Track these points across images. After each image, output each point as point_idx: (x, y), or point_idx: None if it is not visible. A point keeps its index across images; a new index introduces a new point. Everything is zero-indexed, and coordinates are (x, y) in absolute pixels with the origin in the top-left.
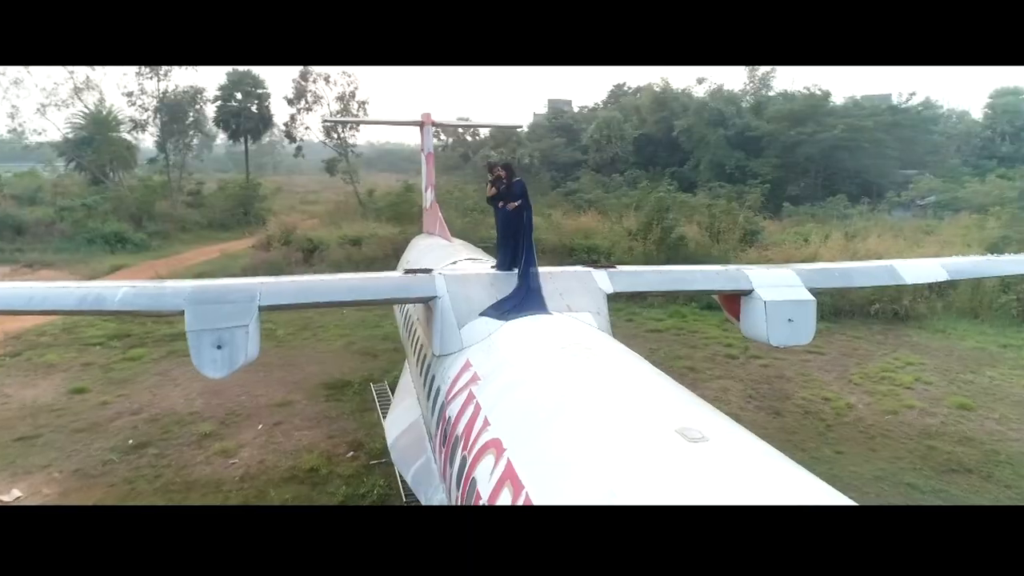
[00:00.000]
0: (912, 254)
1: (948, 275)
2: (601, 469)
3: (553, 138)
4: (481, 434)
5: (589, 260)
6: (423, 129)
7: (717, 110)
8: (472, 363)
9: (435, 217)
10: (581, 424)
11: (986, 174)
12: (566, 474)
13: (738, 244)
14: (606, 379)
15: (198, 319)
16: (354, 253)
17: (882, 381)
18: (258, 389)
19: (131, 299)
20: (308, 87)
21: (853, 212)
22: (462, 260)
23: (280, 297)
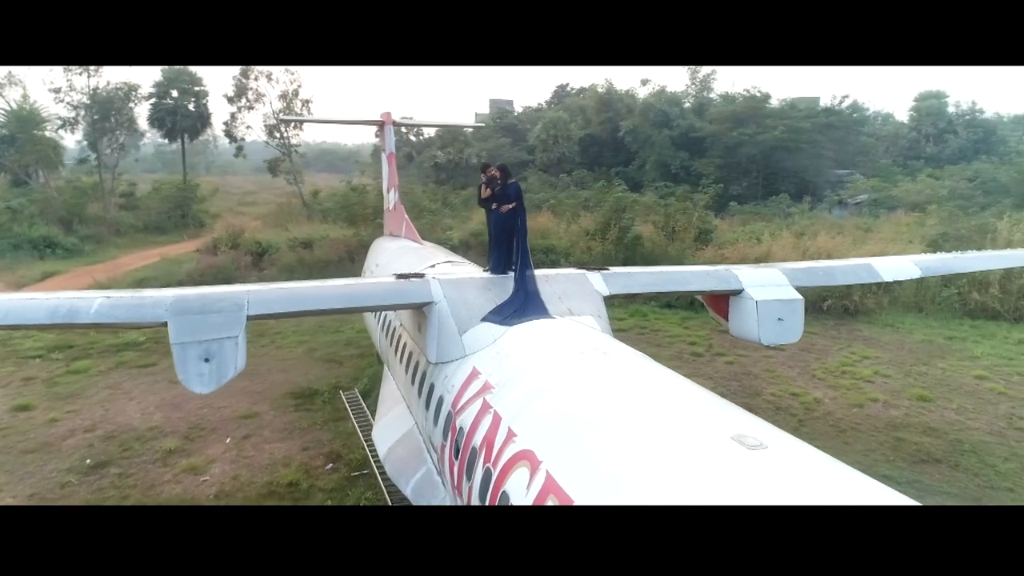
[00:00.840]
0: (859, 251)
1: (921, 272)
2: (660, 479)
3: (498, 138)
4: (507, 446)
5: (580, 262)
6: (383, 129)
7: (662, 111)
8: (480, 370)
9: (400, 219)
10: (627, 433)
11: (915, 173)
12: (620, 485)
13: (693, 243)
14: (638, 386)
15: (183, 331)
16: (306, 256)
17: (843, 375)
18: (220, 401)
19: (108, 311)
20: (249, 85)
21: (795, 211)
22: (440, 263)
23: (269, 306)
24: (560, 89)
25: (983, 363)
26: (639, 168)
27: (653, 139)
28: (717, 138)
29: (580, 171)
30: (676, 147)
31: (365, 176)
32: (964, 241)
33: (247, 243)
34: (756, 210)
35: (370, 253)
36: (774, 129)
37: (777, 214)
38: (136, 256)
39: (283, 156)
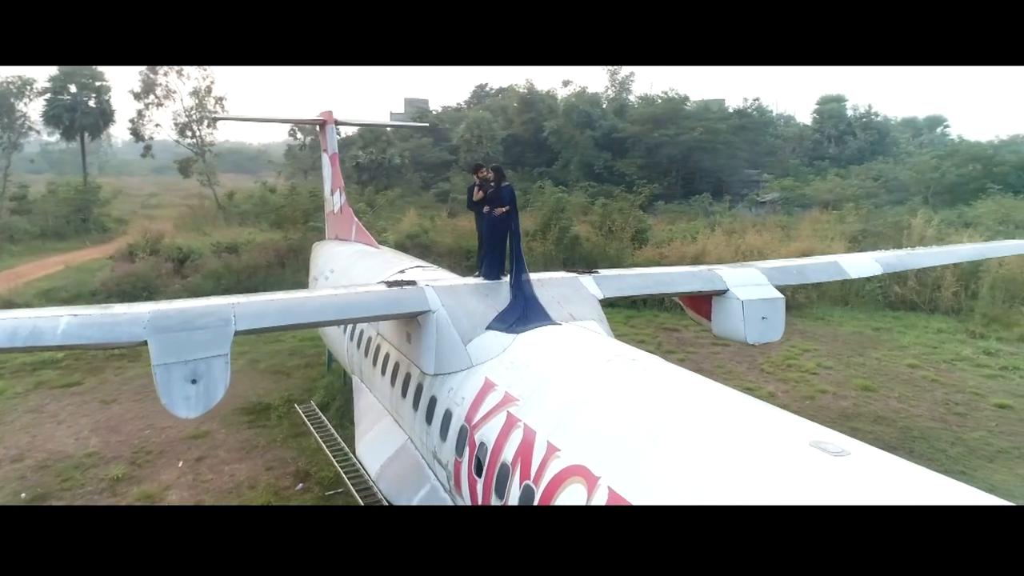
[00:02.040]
0: (787, 248)
1: (881, 268)
2: (749, 487)
3: (419, 138)
4: (549, 461)
5: (573, 265)
6: (324, 129)
7: (585, 112)
8: (496, 382)
9: (349, 222)
10: (696, 445)
11: (821, 173)
12: (701, 497)
13: (630, 243)
14: (685, 395)
15: (166, 350)
16: (232, 262)
17: (789, 368)
18: (162, 420)
19: (77, 331)
20: (158, 80)
21: (716, 209)
22: (410, 268)
23: (258, 319)
24: (479, 89)
25: (912, 352)
26: (563, 168)
27: (576, 140)
28: (639, 139)
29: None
30: (599, 147)
31: (281, 177)
32: (881, 237)
33: (167, 249)
34: (680, 209)
35: (316, 258)
36: (693, 130)
37: (699, 212)
38: (35, 265)
39: (196, 156)
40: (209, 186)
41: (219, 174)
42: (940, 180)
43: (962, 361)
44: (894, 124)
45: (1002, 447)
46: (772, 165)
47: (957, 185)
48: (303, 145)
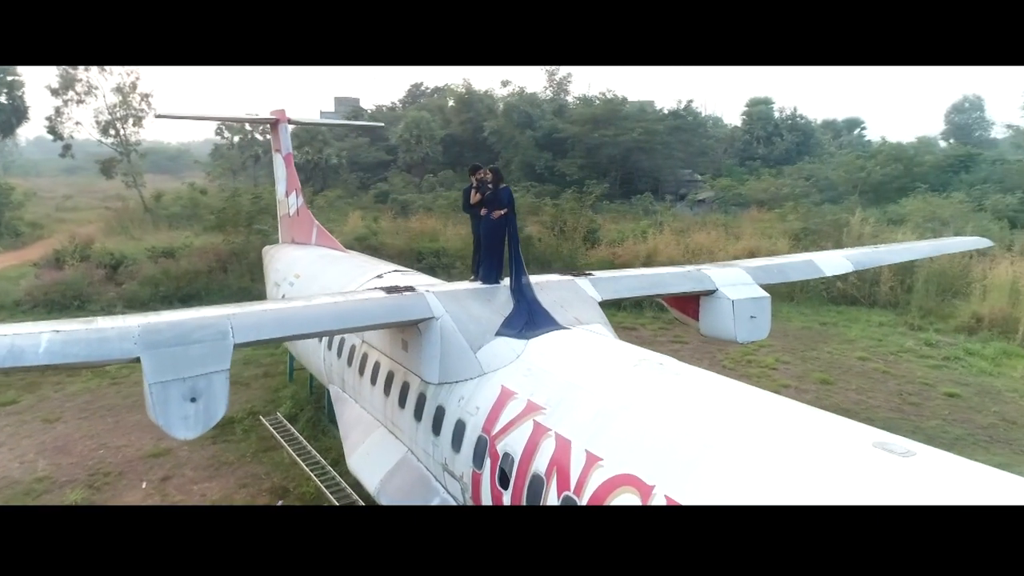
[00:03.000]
0: (735, 246)
1: (853, 266)
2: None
3: (355, 137)
4: (591, 471)
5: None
6: (276, 128)
7: (525, 112)
8: (514, 389)
9: (309, 225)
10: (756, 448)
11: (753, 173)
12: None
13: (582, 243)
14: (726, 398)
15: (162, 367)
16: (171, 267)
17: (749, 364)
18: (115, 439)
19: (61, 348)
20: (79, 76)
21: (658, 209)
22: (389, 273)
23: (258, 331)
24: (414, 88)
25: (860, 345)
26: (503, 168)
27: (517, 140)
28: (579, 139)
29: (446, 171)
30: (540, 148)
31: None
32: (821, 235)
33: (98, 255)
34: (622, 208)
35: (273, 263)
36: (632, 131)
37: (640, 212)
38: None
39: (120, 156)
40: (135, 187)
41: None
42: (866, 179)
43: (907, 352)
44: (816, 126)
45: (958, 435)
46: (705, 165)
47: (882, 184)
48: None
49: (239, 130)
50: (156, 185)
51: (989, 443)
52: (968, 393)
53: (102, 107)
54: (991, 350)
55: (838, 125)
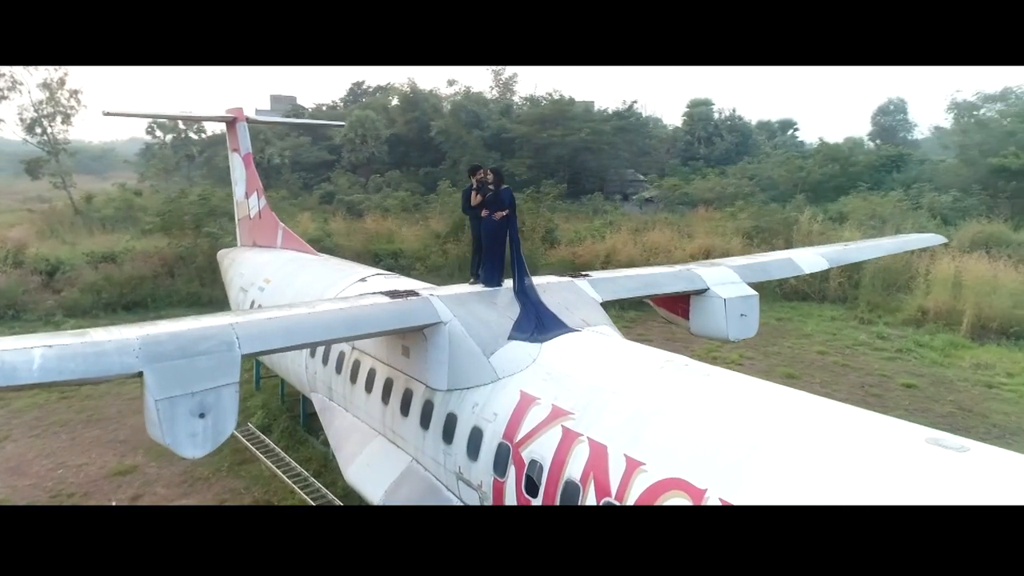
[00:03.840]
0: (690, 244)
1: (827, 263)
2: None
3: (297, 136)
4: (634, 476)
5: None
6: (234, 126)
7: (473, 112)
8: (536, 394)
9: (273, 227)
10: (807, 448)
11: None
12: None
13: (541, 243)
14: (764, 399)
15: (168, 381)
16: (113, 273)
17: (715, 360)
18: (74, 457)
19: (56, 365)
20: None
21: (607, 208)
22: (372, 277)
23: (265, 340)
24: (356, 87)
25: (817, 339)
26: (451, 168)
27: (465, 140)
28: (527, 139)
29: (393, 172)
30: (488, 148)
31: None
32: (772, 233)
33: (33, 260)
34: (573, 208)
35: (235, 267)
36: (580, 131)
37: (590, 212)
38: None
39: (48, 156)
40: (64, 188)
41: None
42: (806, 179)
43: (861, 346)
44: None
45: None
46: (648, 165)
47: (820, 183)
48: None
49: (172, 128)
50: (80, 186)
51: (951, 432)
52: (924, 384)
53: (27, 104)
54: (939, 341)
55: (772, 126)
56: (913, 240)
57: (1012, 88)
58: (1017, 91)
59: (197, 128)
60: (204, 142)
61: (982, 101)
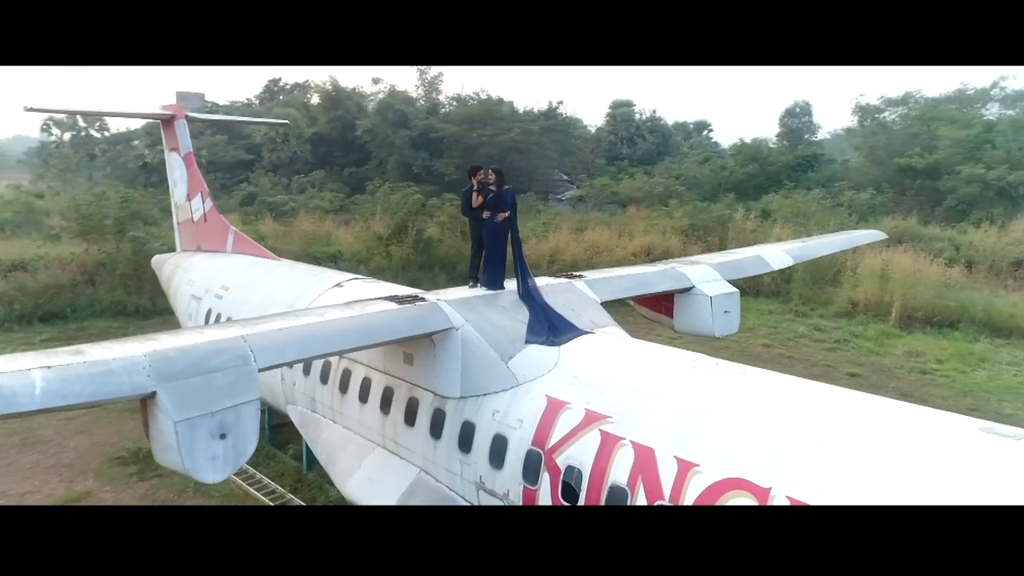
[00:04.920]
0: (630, 243)
1: (792, 260)
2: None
3: (212, 135)
4: (689, 478)
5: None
6: (172, 124)
7: (400, 111)
8: (565, 399)
9: (222, 231)
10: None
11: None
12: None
13: None
14: (805, 395)
15: (185, 401)
16: (27, 282)
17: None
18: (14, 485)
19: (60, 388)
20: None
21: (540, 208)
22: (348, 281)
23: (281, 353)
24: (272, 84)
25: (760, 333)
26: (377, 168)
27: (392, 139)
28: (456, 139)
29: (318, 172)
30: (416, 147)
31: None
32: (708, 231)
33: None
34: None
35: (182, 274)
36: (509, 131)
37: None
38: None
39: None
40: None
41: None
42: (729, 178)
43: (802, 338)
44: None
45: None
46: (572, 165)
47: (742, 182)
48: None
49: (71, 126)
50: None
51: None
52: (866, 372)
53: None
54: (873, 331)
55: (688, 127)
56: (859, 236)
57: (912, 93)
58: (917, 95)
59: (99, 125)
60: (108, 140)
61: (885, 105)
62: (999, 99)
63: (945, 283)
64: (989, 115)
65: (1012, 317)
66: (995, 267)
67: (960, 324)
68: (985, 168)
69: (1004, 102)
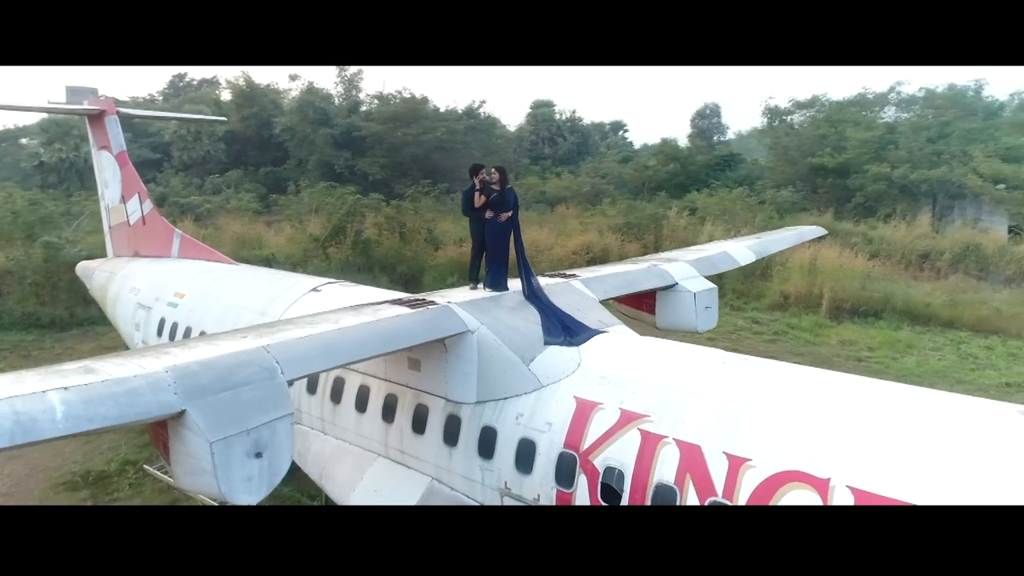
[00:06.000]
0: (567, 241)
1: (754, 256)
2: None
3: None
4: (742, 472)
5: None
6: (102, 120)
7: (321, 109)
8: (596, 399)
9: (166, 235)
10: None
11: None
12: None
13: (425, 245)
14: (849, 387)
15: (218, 419)
16: None
17: None
18: None
19: (84, 411)
20: None
21: None
22: (325, 286)
23: (306, 363)
24: (177, 79)
25: None
26: (296, 167)
27: (312, 138)
28: (381, 138)
29: (233, 172)
30: (337, 146)
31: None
32: (642, 229)
33: None
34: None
35: (121, 281)
36: (435, 130)
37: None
38: None
39: None
40: None
41: None
42: (652, 177)
43: (742, 331)
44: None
45: None
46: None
47: (665, 181)
48: None
49: None
50: None
51: None
52: (808, 362)
53: None
54: (807, 323)
55: (605, 127)
56: (805, 232)
57: (819, 96)
58: (823, 98)
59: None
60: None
61: (795, 107)
62: (895, 103)
63: (867, 275)
64: (886, 118)
65: (928, 306)
66: (904, 259)
67: (883, 313)
68: (890, 167)
69: (900, 105)
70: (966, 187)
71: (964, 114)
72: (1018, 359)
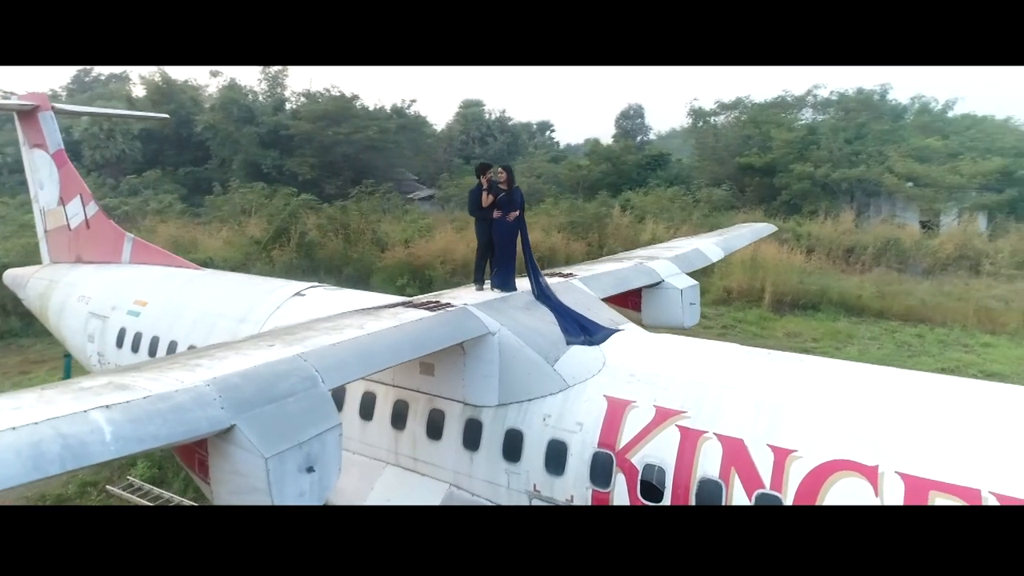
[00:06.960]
0: None
1: (723, 252)
2: None
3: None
4: (788, 464)
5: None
6: (34, 116)
7: (246, 107)
8: (628, 397)
9: (115, 239)
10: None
11: None
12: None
13: (371, 247)
14: (878, 377)
15: (270, 433)
16: None
17: None
18: None
19: (132, 432)
20: None
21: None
22: (309, 290)
23: (344, 371)
24: (83, 74)
25: None
26: (220, 167)
27: (236, 137)
28: (310, 137)
29: (152, 172)
30: (264, 146)
31: None
32: (586, 228)
33: None
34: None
35: (68, 289)
36: (367, 129)
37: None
38: None
39: None
40: None
41: None
42: (586, 177)
43: None
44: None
45: None
46: (425, 164)
47: (598, 180)
48: None
49: None
50: None
51: None
52: None
53: None
54: (753, 316)
55: (532, 127)
56: (760, 229)
57: (743, 97)
58: (746, 100)
59: None
60: None
61: (720, 108)
62: (812, 105)
63: (804, 269)
64: (804, 119)
65: (859, 298)
66: (832, 254)
67: (821, 306)
68: (813, 167)
69: (816, 107)
70: (882, 185)
71: (875, 116)
72: (948, 345)
